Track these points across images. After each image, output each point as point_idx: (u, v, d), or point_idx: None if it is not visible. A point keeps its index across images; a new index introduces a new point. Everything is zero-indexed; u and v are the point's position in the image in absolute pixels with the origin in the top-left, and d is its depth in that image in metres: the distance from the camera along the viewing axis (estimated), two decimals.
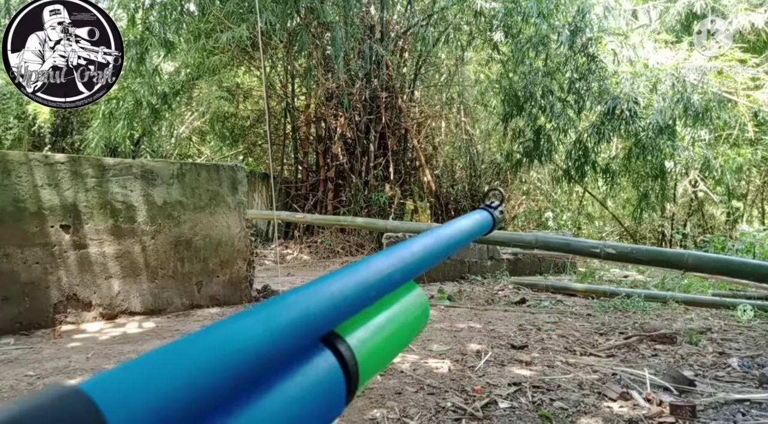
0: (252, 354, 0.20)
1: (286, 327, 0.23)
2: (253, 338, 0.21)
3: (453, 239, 0.40)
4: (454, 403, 1.44)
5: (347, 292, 0.27)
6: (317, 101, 6.23)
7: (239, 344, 0.20)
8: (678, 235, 7.85)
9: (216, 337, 0.20)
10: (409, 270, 0.33)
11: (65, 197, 2.34)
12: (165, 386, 0.17)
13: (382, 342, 0.30)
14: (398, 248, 0.34)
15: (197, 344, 0.19)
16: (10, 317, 2.16)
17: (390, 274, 0.31)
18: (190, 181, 2.70)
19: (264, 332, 0.22)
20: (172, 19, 4.91)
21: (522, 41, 5.79)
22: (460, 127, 7.31)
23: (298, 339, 0.23)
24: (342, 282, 0.28)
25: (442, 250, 0.38)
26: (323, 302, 0.26)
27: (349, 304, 0.27)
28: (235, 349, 0.20)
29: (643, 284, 4.10)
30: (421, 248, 0.35)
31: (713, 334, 2.39)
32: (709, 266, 2.57)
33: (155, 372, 0.17)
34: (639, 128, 5.77)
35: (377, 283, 0.30)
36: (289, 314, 0.24)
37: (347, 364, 0.26)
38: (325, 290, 0.26)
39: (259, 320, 0.22)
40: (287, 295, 0.25)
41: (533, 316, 2.75)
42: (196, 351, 0.19)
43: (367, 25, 6.15)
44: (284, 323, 0.23)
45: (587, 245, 2.88)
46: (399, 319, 0.33)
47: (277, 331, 0.22)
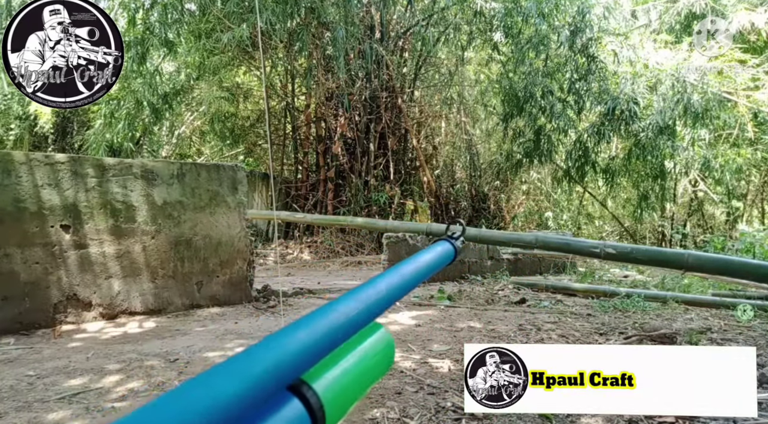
0: (226, 407, 0.22)
1: (257, 379, 0.24)
2: (227, 393, 0.23)
3: (417, 274, 0.42)
4: (454, 403, 1.44)
5: (316, 338, 0.29)
6: (317, 101, 6.23)
7: (215, 400, 0.22)
8: (678, 235, 7.85)
9: (194, 393, 0.22)
10: (373, 310, 0.35)
11: (65, 197, 2.34)
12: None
13: (348, 384, 0.31)
14: (364, 288, 0.35)
15: (179, 400, 0.21)
16: (10, 317, 2.16)
17: (356, 316, 0.33)
18: (190, 181, 2.70)
19: (237, 386, 0.23)
20: (173, 19, 4.91)
21: (522, 41, 5.79)
22: (460, 127, 7.31)
23: (268, 390, 0.25)
24: (310, 329, 0.29)
25: (407, 285, 0.40)
26: (292, 352, 0.27)
27: (316, 352, 0.29)
28: (211, 404, 0.22)
29: (643, 283, 4.10)
30: (385, 287, 0.37)
31: (713, 334, 2.39)
32: (709, 265, 2.57)
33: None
34: (639, 128, 5.77)
35: (343, 326, 0.31)
36: (259, 367, 0.25)
37: (313, 410, 0.28)
38: (294, 339, 0.28)
39: (233, 373, 0.24)
40: (258, 346, 0.26)
41: (533, 316, 2.75)
42: (177, 407, 0.21)
43: (367, 25, 6.15)
44: (255, 376, 0.25)
45: (587, 245, 2.88)
46: (364, 361, 0.34)
47: (249, 383, 0.24)
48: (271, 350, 0.26)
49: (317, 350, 0.29)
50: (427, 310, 2.87)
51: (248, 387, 0.24)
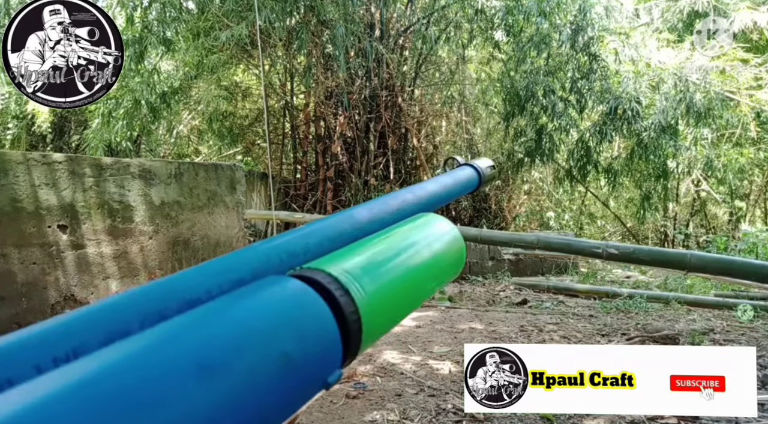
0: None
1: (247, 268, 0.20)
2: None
3: (434, 197, 0.35)
4: (455, 405, 1.42)
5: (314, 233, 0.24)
6: (317, 100, 6.21)
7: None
8: (680, 235, 7.82)
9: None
10: (386, 223, 0.28)
11: (63, 197, 2.32)
12: None
13: (395, 280, 0.22)
14: (377, 202, 0.29)
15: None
16: (7, 318, 2.14)
17: (368, 225, 0.26)
18: (188, 180, 2.68)
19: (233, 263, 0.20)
20: (171, 18, 4.89)
21: (523, 40, 5.76)
22: (461, 127, 7.29)
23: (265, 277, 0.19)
24: (313, 227, 0.24)
25: (423, 206, 0.32)
26: (285, 237, 0.23)
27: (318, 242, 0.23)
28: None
29: (646, 284, 4.08)
30: (399, 203, 0.30)
31: (716, 335, 2.37)
32: (711, 266, 2.55)
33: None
34: (641, 128, 5.74)
35: (353, 232, 0.25)
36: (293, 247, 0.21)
37: (338, 303, 0.18)
38: (297, 232, 0.24)
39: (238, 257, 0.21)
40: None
41: (535, 317, 2.73)
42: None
43: (367, 23, 6.13)
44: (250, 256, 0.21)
45: (589, 246, 2.86)
46: (414, 250, 0.25)
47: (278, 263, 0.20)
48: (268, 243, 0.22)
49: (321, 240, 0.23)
50: (428, 311, 2.85)
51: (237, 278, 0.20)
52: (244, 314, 0.16)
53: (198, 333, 0.15)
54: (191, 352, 0.14)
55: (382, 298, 0.20)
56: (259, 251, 0.22)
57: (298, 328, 0.17)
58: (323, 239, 0.23)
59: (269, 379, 0.15)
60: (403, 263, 0.23)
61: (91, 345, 0.16)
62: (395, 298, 0.21)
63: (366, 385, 1.56)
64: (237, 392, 0.14)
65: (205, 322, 0.16)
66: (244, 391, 0.14)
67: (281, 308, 0.17)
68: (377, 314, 0.20)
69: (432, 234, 0.27)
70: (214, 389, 0.13)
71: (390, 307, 0.21)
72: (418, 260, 0.24)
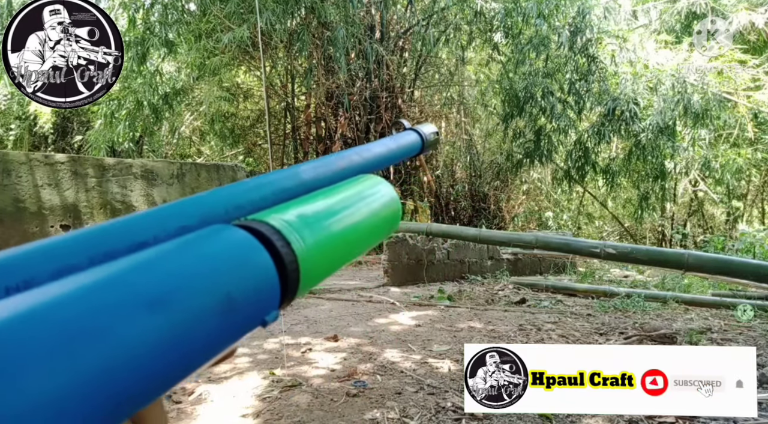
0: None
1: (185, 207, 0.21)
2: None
3: (379, 158, 0.35)
4: (454, 403, 1.44)
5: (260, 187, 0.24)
6: (317, 101, 6.23)
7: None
8: (678, 235, 7.84)
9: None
10: (331, 181, 0.28)
11: (65, 197, 2.34)
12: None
13: (331, 232, 0.23)
14: (324, 160, 0.30)
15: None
16: None
17: (312, 182, 0.27)
18: (190, 181, 2.70)
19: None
20: (173, 20, 4.92)
21: (522, 42, 5.79)
22: (460, 128, 7.31)
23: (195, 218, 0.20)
24: (259, 181, 0.24)
25: (367, 167, 0.33)
26: (231, 189, 0.23)
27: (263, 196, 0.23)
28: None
29: (643, 284, 4.10)
30: (345, 163, 0.31)
31: (713, 334, 2.39)
32: (709, 265, 2.57)
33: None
34: (639, 129, 5.77)
35: (297, 188, 0.26)
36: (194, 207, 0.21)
37: (277, 250, 0.20)
38: (243, 185, 0.24)
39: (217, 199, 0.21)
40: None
41: (533, 316, 2.75)
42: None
43: (367, 24, 6.15)
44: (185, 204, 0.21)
45: (587, 245, 2.88)
46: (353, 206, 0.26)
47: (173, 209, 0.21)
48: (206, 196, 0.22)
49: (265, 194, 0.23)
50: (427, 310, 2.87)
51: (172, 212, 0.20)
52: (192, 258, 0.18)
53: (150, 272, 0.16)
54: (143, 287, 0.15)
55: (320, 249, 0.22)
56: (206, 200, 0.22)
57: (240, 272, 0.18)
58: (268, 193, 0.24)
59: (213, 316, 0.17)
60: (342, 219, 0.25)
61: (42, 278, 0.16)
62: (332, 250, 0.23)
63: (366, 383, 1.58)
64: (184, 326, 0.16)
65: (156, 262, 0.17)
66: (190, 325, 0.16)
67: (226, 254, 0.19)
68: (314, 264, 0.21)
69: (371, 194, 0.29)
70: (162, 321, 0.15)
71: (327, 258, 0.23)
72: (357, 217, 0.26)
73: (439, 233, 3.82)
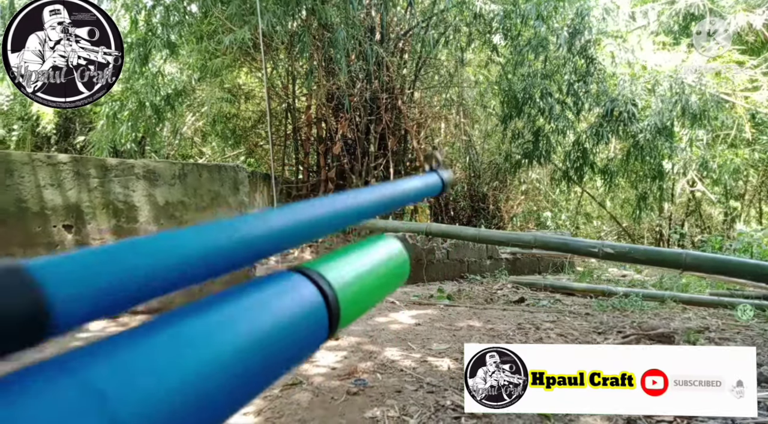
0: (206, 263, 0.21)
1: (251, 241, 0.23)
2: (212, 247, 0.22)
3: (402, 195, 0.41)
4: (454, 401, 1.46)
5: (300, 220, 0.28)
6: (318, 102, 6.25)
7: (196, 251, 0.21)
8: (676, 235, 7.87)
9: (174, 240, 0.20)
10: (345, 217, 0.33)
11: (68, 197, 2.36)
12: (111, 276, 0.17)
13: (360, 284, 0.29)
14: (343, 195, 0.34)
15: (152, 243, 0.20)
16: None
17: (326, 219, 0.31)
18: (191, 181, 2.72)
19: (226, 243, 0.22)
20: (175, 21, 4.94)
21: (521, 43, 5.81)
22: (459, 128, 7.34)
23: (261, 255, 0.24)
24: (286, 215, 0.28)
25: (389, 203, 0.39)
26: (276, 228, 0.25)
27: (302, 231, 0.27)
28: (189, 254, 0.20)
29: (641, 283, 4.12)
30: (367, 198, 0.36)
31: (711, 333, 2.41)
32: (706, 265, 2.59)
33: (104, 264, 0.17)
34: (637, 129, 5.80)
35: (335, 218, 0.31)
36: (254, 230, 0.24)
37: (325, 293, 0.25)
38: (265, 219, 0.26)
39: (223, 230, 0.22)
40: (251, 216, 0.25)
41: (532, 315, 2.77)
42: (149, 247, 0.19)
43: (367, 26, 6.18)
44: (250, 237, 0.23)
45: (585, 245, 2.90)
46: (375, 264, 0.33)
47: (240, 243, 0.23)
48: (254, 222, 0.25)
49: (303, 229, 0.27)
50: (427, 309, 2.89)
51: (240, 246, 0.23)
52: (268, 308, 0.23)
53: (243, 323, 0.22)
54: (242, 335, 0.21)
55: (352, 296, 0.28)
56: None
57: (309, 314, 0.24)
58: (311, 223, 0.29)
59: (290, 344, 0.23)
60: (366, 272, 0.32)
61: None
62: (360, 297, 0.30)
63: (366, 382, 1.59)
64: (271, 352, 0.21)
65: (247, 313, 0.22)
66: (276, 352, 0.22)
67: (301, 300, 0.25)
68: (348, 307, 0.28)
69: (387, 254, 0.36)
70: (256, 355, 0.21)
71: (357, 303, 0.29)
72: (376, 273, 0.33)
73: (439, 233, 3.84)
